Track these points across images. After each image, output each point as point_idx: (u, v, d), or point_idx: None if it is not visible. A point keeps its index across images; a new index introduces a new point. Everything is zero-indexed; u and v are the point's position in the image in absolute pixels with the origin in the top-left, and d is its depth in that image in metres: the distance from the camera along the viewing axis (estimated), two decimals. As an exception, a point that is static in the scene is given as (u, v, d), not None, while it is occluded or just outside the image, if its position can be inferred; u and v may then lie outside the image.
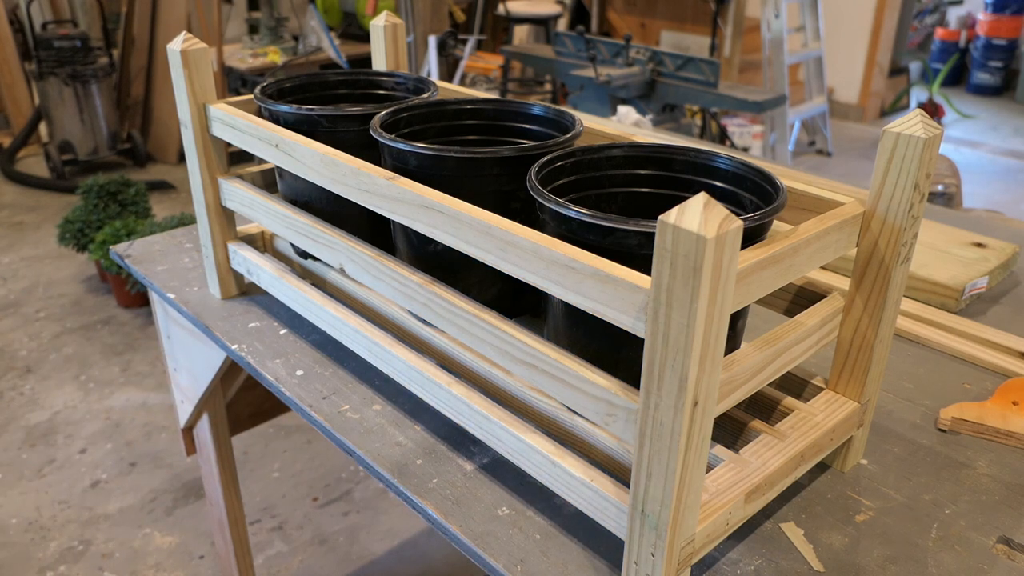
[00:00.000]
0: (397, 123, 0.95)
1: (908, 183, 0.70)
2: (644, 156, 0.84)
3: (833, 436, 0.81)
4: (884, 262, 0.74)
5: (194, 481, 2.18)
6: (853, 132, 5.31)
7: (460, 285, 0.84)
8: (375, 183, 0.82)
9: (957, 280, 1.16)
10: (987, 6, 6.16)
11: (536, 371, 0.72)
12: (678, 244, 0.53)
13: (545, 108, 0.97)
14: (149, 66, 4.39)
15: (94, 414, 2.45)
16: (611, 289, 0.61)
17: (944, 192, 2.52)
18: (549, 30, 4.49)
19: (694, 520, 0.66)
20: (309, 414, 0.94)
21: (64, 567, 1.91)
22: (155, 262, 1.29)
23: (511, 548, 0.75)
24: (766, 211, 0.67)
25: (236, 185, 1.08)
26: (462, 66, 4.03)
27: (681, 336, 0.55)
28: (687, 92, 3.16)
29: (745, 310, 0.79)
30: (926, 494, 0.83)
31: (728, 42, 4.77)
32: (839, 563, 0.74)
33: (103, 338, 2.84)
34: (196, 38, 1.01)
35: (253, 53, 4.44)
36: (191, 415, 1.38)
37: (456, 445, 0.89)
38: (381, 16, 1.21)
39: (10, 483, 2.17)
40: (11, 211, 3.89)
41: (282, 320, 1.12)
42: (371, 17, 3.55)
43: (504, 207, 0.79)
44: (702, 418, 0.60)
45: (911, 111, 0.72)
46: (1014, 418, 0.92)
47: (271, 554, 1.97)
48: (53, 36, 4.09)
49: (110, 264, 2.86)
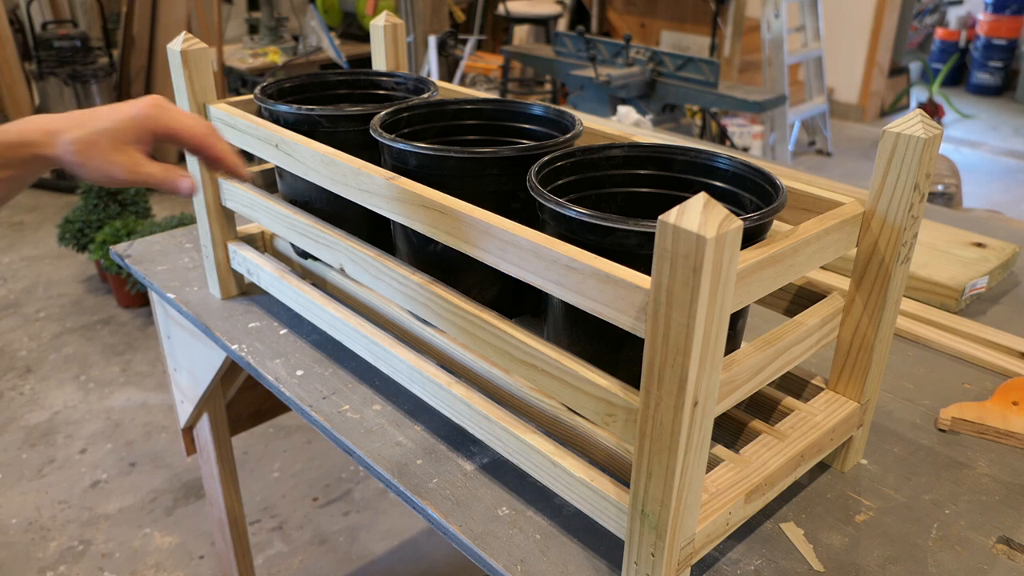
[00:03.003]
0: (397, 123, 0.95)
1: (908, 183, 0.70)
2: (644, 156, 0.84)
3: (833, 436, 0.81)
4: (884, 262, 0.74)
5: (194, 481, 2.18)
6: (853, 132, 5.31)
7: (460, 285, 0.84)
8: (375, 183, 0.82)
9: (957, 280, 1.16)
10: (987, 6, 6.16)
11: (536, 371, 0.72)
12: (678, 244, 0.53)
13: (545, 108, 0.97)
14: (149, 66, 4.39)
15: (94, 414, 2.45)
16: (611, 289, 0.61)
17: (944, 192, 2.52)
18: (549, 30, 4.49)
19: (694, 520, 0.66)
20: (309, 414, 0.94)
21: (64, 567, 1.91)
22: (155, 262, 1.29)
23: (511, 548, 0.75)
24: (766, 211, 0.67)
25: (236, 185, 1.08)
26: (462, 66, 4.03)
27: (681, 336, 0.55)
28: (687, 92, 3.16)
29: (745, 310, 0.79)
30: (926, 494, 0.83)
31: (728, 42, 4.77)
32: (839, 563, 0.74)
33: (103, 338, 2.84)
34: (196, 38, 1.01)
35: (253, 53, 4.44)
36: (191, 415, 1.38)
37: (456, 445, 0.89)
38: (381, 16, 1.21)
39: (10, 483, 2.17)
40: (11, 211, 3.89)
41: (282, 320, 1.12)
42: (371, 17, 3.55)
43: (504, 207, 0.79)
44: (702, 418, 0.60)
45: (911, 111, 0.72)
46: (1014, 418, 0.92)
47: (271, 554, 1.97)
48: (53, 36, 4.09)
49: (110, 264, 2.86)
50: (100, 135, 0.68)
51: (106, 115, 0.68)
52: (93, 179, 0.70)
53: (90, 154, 0.67)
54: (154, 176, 0.70)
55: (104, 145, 0.67)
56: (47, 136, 0.67)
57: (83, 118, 0.68)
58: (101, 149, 0.67)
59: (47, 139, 0.67)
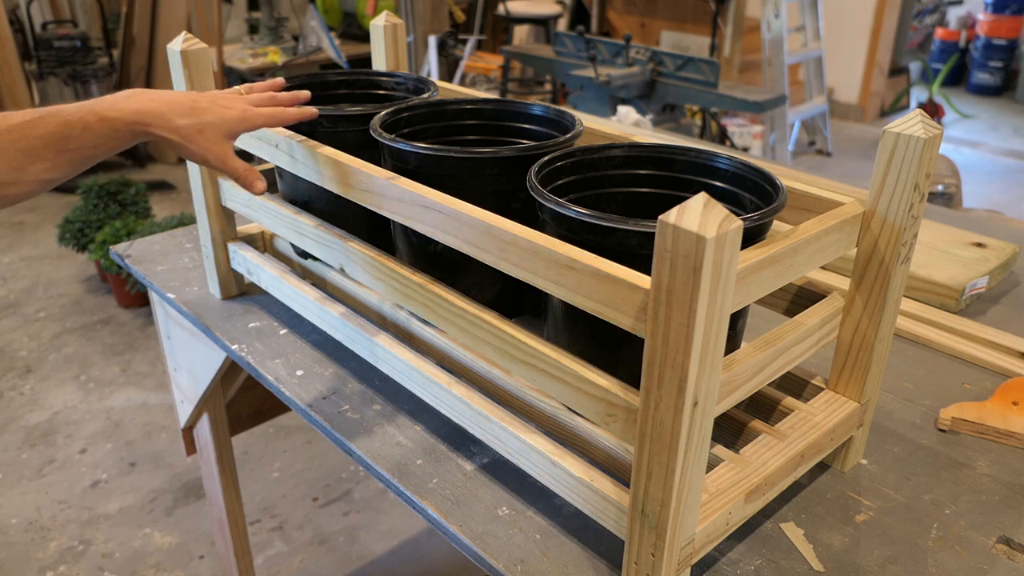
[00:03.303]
0: (397, 123, 0.95)
1: (908, 183, 0.70)
2: (644, 156, 0.84)
3: (833, 436, 0.81)
4: (884, 262, 0.74)
5: (194, 481, 2.18)
6: (853, 132, 5.31)
7: (460, 285, 0.84)
8: (375, 183, 0.82)
9: (957, 280, 1.16)
10: (987, 6, 6.16)
11: (536, 371, 0.72)
12: (678, 244, 0.53)
13: (545, 108, 0.97)
14: (149, 66, 4.39)
15: (94, 414, 2.45)
16: (611, 289, 0.61)
17: (944, 192, 2.52)
18: (549, 30, 4.49)
19: (694, 520, 0.66)
20: (309, 414, 0.94)
21: (64, 567, 1.91)
22: (155, 262, 1.29)
23: (511, 548, 0.75)
24: (766, 211, 0.67)
25: (236, 185, 1.08)
26: (462, 66, 4.03)
27: (681, 336, 0.55)
28: (687, 92, 3.15)
29: (745, 310, 0.79)
30: (926, 494, 0.83)
31: (728, 42, 4.76)
32: (839, 563, 0.74)
33: (103, 338, 2.84)
34: (196, 38, 1.01)
35: (253, 53, 4.43)
36: (191, 415, 1.38)
37: (456, 445, 0.89)
38: (381, 16, 1.21)
39: (10, 483, 2.17)
40: (11, 211, 3.89)
41: (282, 320, 1.12)
42: (371, 17, 3.55)
43: (504, 207, 0.79)
44: (702, 418, 0.60)
45: (911, 111, 0.72)
46: (1014, 418, 0.92)
47: (271, 554, 1.97)
48: (53, 36, 4.09)
49: (110, 264, 2.86)
50: (208, 127, 0.81)
51: (210, 111, 0.82)
52: (188, 157, 0.83)
53: (196, 140, 0.81)
54: (237, 171, 0.84)
55: (209, 135, 0.81)
56: (160, 119, 0.78)
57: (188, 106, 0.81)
58: (206, 137, 0.81)
59: (161, 121, 0.78)
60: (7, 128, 0.69)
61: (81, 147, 0.73)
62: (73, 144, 0.72)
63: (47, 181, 0.72)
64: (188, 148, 0.81)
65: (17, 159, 0.70)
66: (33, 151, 0.70)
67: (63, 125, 0.72)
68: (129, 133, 0.76)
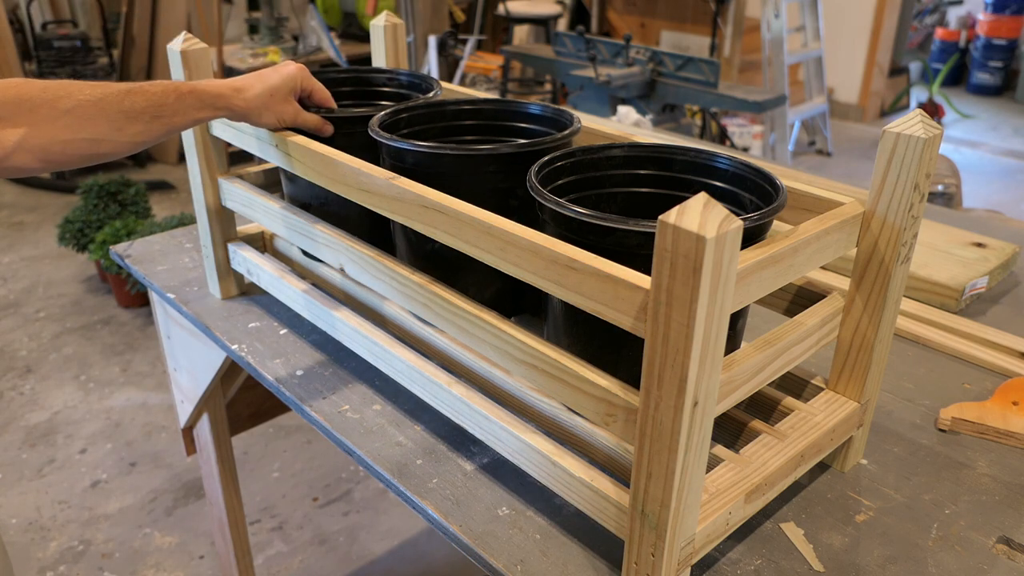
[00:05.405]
0: (397, 123, 0.95)
1: (908, 183, 0.70)
2: (644, 156, 0.84)
3: (833, 436, 0.81)
4: (884, 262, 0.74)
5: (194, 481, 2.18)
6: (853, 132, 5.31)
7: (459, 284, 0.84)
8: (375, 183, 0.82)
9: (957, 280, 1.16)
10: (987, 6, 6.16)
11: (536, 371, 0.72)
12: (678, 244, 0.53)
13: (544, 107, 0.97)
14: (149, 66, 4.39)
15: (94, 414, 2.45)
16: (611, 289, 0.61)
17: (944, 192, 2.52)
18: (549, 30, 4.49)
19: (694, 520, 0.66)
20: (309, 414, 0.94)
21: (64, 567, 1.91)
22: (155, 262, 1.29)
23: (511, 548, 0.75)
24: (766, 211, 0.67)
25: (236, 185, 1.08)
26: (462, 66, 4.03)
27: (681, 336, 0.55)
28: (687, 92, 3.15)
29: (745, 310, 0.79)
30: (926, 494, 0.83)
31: (728, 42, 4.77)
32: (839, 563, 0.74)
33: (103, 338, 2.84)
34: (196, 38, 1.01)
35: (253, 53, 4.43)
36: (191, 415, 1.38)
37: (456, 445, 0.89)
38: (381, 16, 1.21)
39: (10, 483, 2.17)
40: (11, 211, 3.89)
41: (282, 320, 1.12)
42: (371, 17, 3.55)
43: (502, 205, 0.79)
44: (702, 418, 0.60)
45: (911, 111, 0.72)
46: (1014, 418, 0.92)
47: (271, 554, 1.97)
48: (53, 36, 4.09)
49: (110, 264, 2.86)
50: (275, 90, 0.90)
51: (272, 75, 0.91)
52: (266, 124, 0.92)
53: (268, 104, 0.90)
54: (309, 123, 0.94)
55: (278, 97, 0.91)
56: (235, 92, 0.88)
57: (255, 79, 0.90)
58: (276, 100, 0.91)
59: (236, 94, 0.88)
60: (111, 93, 0.78)
61: (173, 114, 0.82)
62: (167, 111, 0.81)
63: (139, 143, 0.80)
64: (262, 115, 0.90)
65: (119, 120, 0.78)
66: (133, 113, 0.78)
67: (160, 94, 0.81)
68: (212, 107, 0.85)
